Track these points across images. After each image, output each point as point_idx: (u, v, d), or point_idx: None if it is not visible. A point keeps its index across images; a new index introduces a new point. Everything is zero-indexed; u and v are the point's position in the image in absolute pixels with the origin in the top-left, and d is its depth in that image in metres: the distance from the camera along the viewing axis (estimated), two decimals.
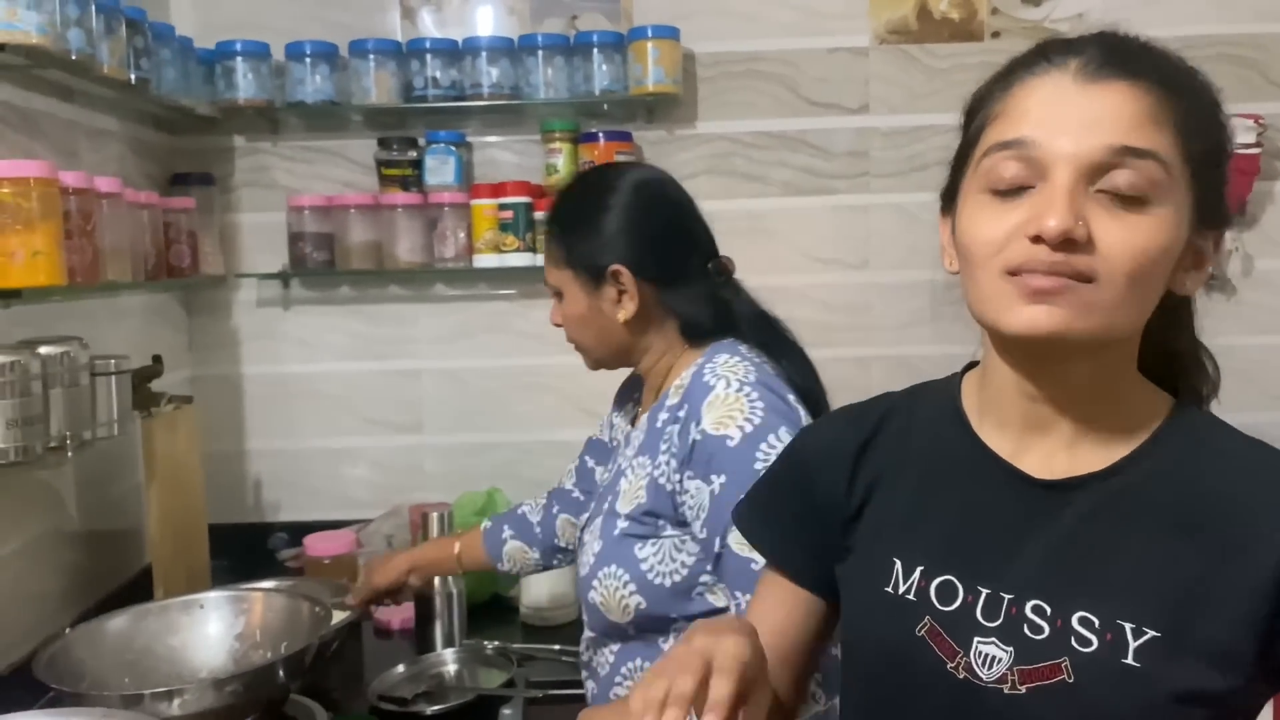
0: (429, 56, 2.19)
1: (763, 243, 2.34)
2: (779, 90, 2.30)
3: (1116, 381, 0.80)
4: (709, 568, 1.21)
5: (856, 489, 0.90)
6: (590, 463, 1.59)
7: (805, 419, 1.22)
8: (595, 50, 2.18)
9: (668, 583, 1.22)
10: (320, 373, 2.36)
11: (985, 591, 0.79)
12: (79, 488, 1.84)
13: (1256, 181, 2.23)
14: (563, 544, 1.61)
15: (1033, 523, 0.80)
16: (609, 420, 1.57)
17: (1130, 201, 0.73)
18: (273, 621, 1.42)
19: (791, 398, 1.24)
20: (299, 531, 2.14)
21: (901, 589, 0.84)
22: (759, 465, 1.14)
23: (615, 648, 1.29)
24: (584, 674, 1.38)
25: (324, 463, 2.36)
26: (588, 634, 1.34)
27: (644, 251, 1.32)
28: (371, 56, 2.18)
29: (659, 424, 1.28)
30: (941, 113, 2.27)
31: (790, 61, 2.29)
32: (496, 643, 1.76)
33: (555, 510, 1.61)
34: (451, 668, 1.70)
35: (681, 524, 1.22)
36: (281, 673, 1.27)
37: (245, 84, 2.18)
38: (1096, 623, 0.75)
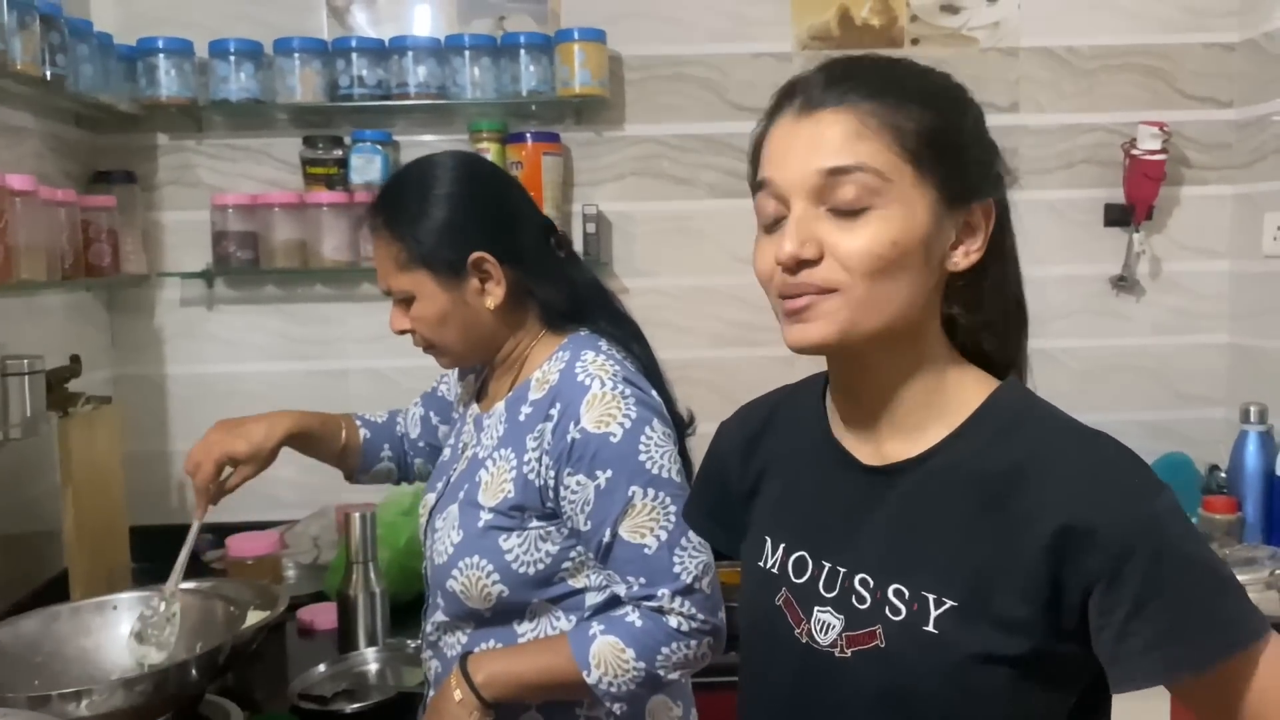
0: (355, 55, 2.19)
1: (690, 244, 2.37)
2: (705, 94, 2.33)
3: (921, 370, 0.87)
4: (592, 557, 1.26)
5: (749, 475, 1.00)
6: (435, 419, 1.58)
7: (662, 407, 1.29)
8: (522, 51, 2.20)
9: (531, 571, 1.26)
10: (245, 373, 2.34)
11: (827, 566, 0.89)
12: None
13: (1162, 186, 2.31)
14: (415, 479, 1.64)
15: (865, 505, 0.88)
16: (455, 384, 1.56)
17: (852, 211, 0.81)
18: (187, 622, 1.41)
19: (652, 392, 1.30)
20: (224, 533, 2.12)
21: (769, 563, 0.93)
22: (642, 456, 1.22)
23: (468, 630, 1.32)
24: (427, 654, 1.39)
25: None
26: (438, 618, 1.34)
27: (501, 234, 1.30)
28: (297, 55, 2.18)
29: (521, 418, 1.29)
30: None
31: (716, 66, 2.32)
32: (419, 641, 1.77)
33: (411, 454, 1.61)
34: (373, 666, 1.70)
35: (548, 517, 1.26)
36: (194, 672, 1.27)
37: (168, 81, 2.16)
38: (906, 594, 0.83)
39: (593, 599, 1.28)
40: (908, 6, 2.33)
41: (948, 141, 0.83)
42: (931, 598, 0.81)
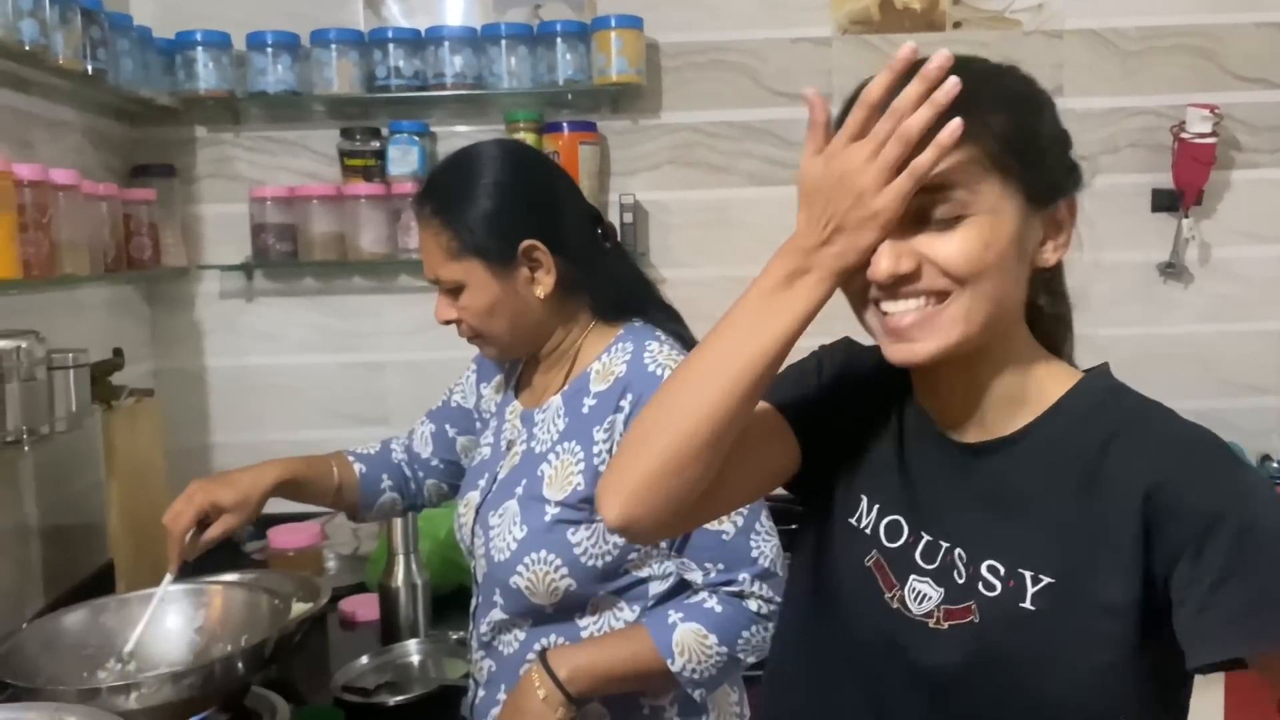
0: (391, 46, 2.19)
1: (727, 233, 2.35)
2: (742, 80, 2.30)
3: (1009, 364, 0.87)
4: (665, 546, 1.25)
5: (851, 416, 0.97)
6: (451, 431, 1.56)
7: None
8: (559, 40, 2.18)
9: (599, 564, 1.25)
10: (284, 365, 2.35)
11: (926, 538, 0.89)
12: (38, 483, 1.83)
13: (1213, 170, 2.25)
14: (425, 504, 1.60)
15: (958, 481, 0.89)
16: (474, 389, 1.54)
17: (946, 223, 0.81)
18: (232, 615, 1.41)
19: None
20: (264, 524, 2.13)
21: (863, 522, 0.93)
22: None
23: (526, 628, 1.30)
24: (479, 654, 1.37)
25: (288, 456, 2.35)
26: (496, 617, 1.32)
27: (550, 222, 1.29)
28: (333, 46, 2.17)
29: (585, 410, 1.28)
30: None
31: (753, 52, 2.29)
32: (461, 633, 1.76)
33: (421, 475, 1.58)
34: (416, 658, 1.70)
35: None
36: (240, 665, 1.27)
37: (206, 74, 2.16)
38: (1001, 570, 0.84)
39: (656, 588, 1.27)
40: None
41: (1029, 146, 0.83)
42: (1028, 575, 0.82)
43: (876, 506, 0.92)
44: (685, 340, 1.33)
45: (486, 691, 1.34)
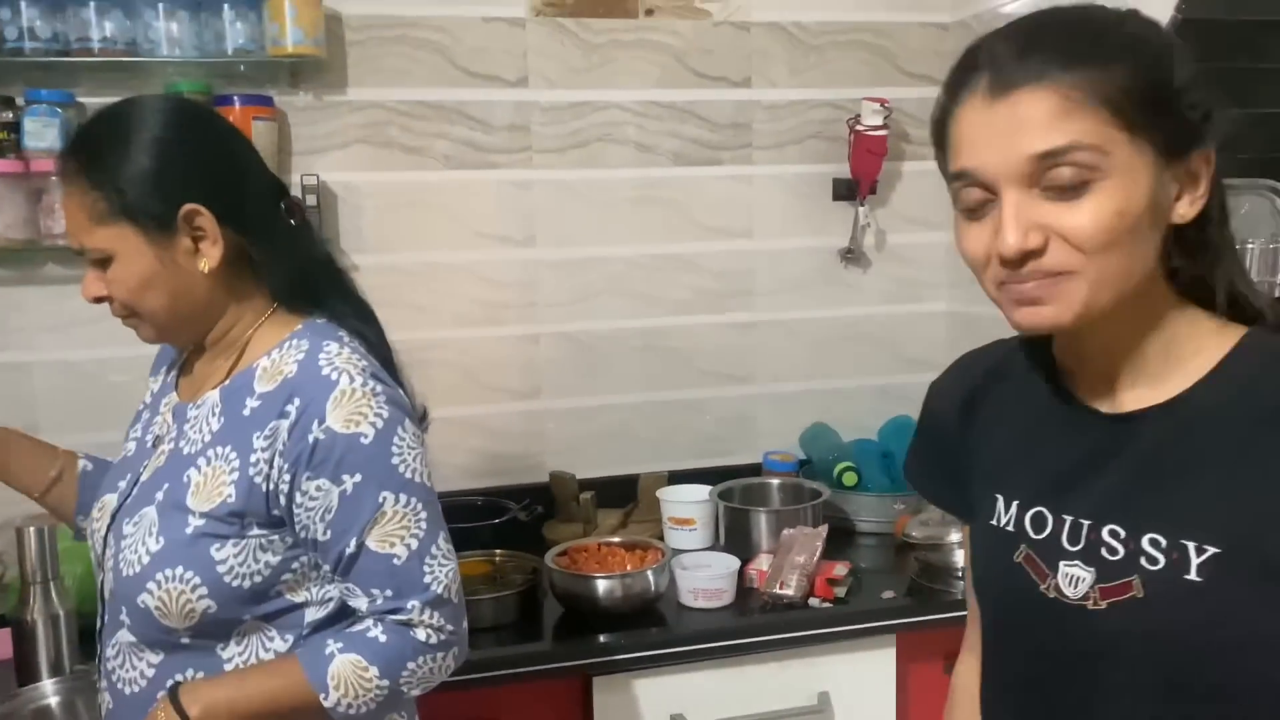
0: (23, 3, 1.92)
1: (425, 218, 2.25)
2: (435, 59, 2.21)
3: (1151, 324, 0.85)
4: (327, 570, 1.14)
5: (971, 430, 0.99)
6: None
7: (409, 405, 1.19)
8: (225, 5, 1.99)
9: (246, 584, 1.13)
10: None
11: (1068, 519, 0.88)
12: None
13: (885, 161, 2.40)
14: None
15: (1106, 455, 0.87)
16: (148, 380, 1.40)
17: (1074, 190, 0.77)
18: None
19: (399, 389, 1.20)
20: None
21: (1002, 521, 0.93)
22: (394, 459, 1.12)
23: (157, 658, 1.16)
24: (102, 684, 1.22)
25: None
26: (124, 638, 1.17)
27: (220, 188, 1.15)
28: None
29: (246, 412, 1.15)
30: (600, 89, 2.30)
31: (444, 29, 2.20)
32: None
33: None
34: (54, 699, 1.51)
35: (273, 525, 1.13)
36: None
37: None
38: (1163, 542, 0.82)
39: (313, 614, 1.17)
40: None
41: (1159, 97, 0.78)
42: (1191, 545, 0.80)
43: (1016, 503, 0.92)
44: (368, 341, 1.22)
45: None
